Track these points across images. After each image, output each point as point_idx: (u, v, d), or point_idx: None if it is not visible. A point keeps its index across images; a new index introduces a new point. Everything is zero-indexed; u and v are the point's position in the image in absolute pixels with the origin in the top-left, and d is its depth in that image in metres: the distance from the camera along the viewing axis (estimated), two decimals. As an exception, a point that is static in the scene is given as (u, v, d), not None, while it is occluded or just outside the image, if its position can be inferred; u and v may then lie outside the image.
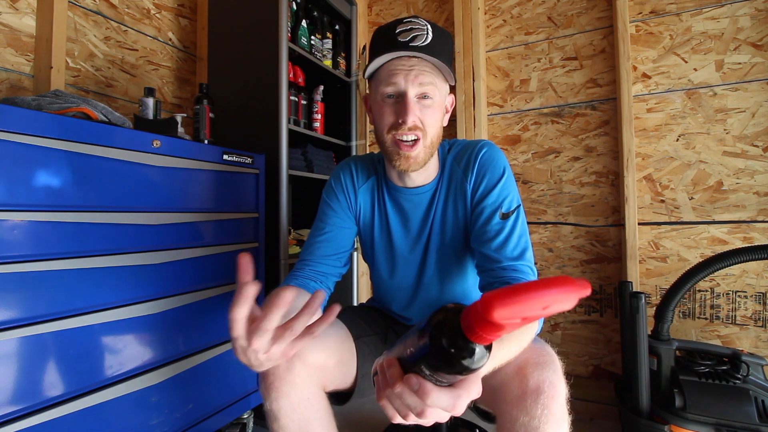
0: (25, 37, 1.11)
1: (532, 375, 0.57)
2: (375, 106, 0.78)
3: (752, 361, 1.15)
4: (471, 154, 0.80)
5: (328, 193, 0.91)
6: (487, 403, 0.69)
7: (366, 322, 0.90)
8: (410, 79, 0.72)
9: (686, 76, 1.46)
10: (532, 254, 0.74)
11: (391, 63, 0.73)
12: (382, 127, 0.76)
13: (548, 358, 0.60)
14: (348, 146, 1.86)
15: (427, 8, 1.97)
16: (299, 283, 0.80)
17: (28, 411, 0.72)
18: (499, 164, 0.78)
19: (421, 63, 0.73)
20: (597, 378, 1.57)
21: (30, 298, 0.73)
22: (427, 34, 0.72)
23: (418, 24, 0.73)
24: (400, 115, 0.72)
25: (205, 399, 1.05)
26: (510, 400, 0.57)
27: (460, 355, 0.36)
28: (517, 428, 0.55)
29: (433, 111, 0.75)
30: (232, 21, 1.48)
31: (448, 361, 0.37)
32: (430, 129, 0.74)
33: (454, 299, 0.90)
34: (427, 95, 0.74)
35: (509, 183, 0.78)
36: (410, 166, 0.75)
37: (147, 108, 1.13)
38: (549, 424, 0.54)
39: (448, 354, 0.36)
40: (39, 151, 0.74)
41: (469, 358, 0.36)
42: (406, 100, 0.72)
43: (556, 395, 0.56)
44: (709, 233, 1.43)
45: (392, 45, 0.72)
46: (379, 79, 0.76)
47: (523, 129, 1.74)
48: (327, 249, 0.86)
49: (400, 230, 0.87)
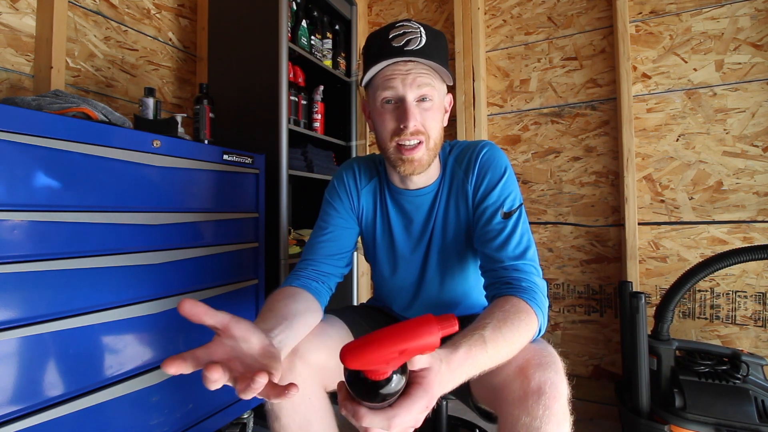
0: (26, 37, 1.11)
1: (534, 375, 0.56)
2: (375, 113, 0.78)
3: (752, 361, 1.15)
4: (472, 154, 0.80)
5: (330, 193, 0.91)
6: (488, 404, 0.69)
7: (367, 321, 0.90)
8: (408, 84, 0.72)
9: (686, 76, 1.46)
10: (536, 252, 0.73)
11: (387, 69, 0.73)
12: (384, 135, 0.76)
13: (550, 358, 0.60)
14: (348, 146, 1.86)
15: (427, 8, 1.97)
16: (301, 283, 0.80)
17: (28, 411, 0.72)
18: (499, 164, 0.78)
19: (418, 66, 0.72)
20: (597, 378, 1.57)
21: (30, 298, 0.73)
22: (420, 37, 0.72)
23: (410, 27, 0.73)
24: (401, 120, 0.72)
25: (205, 399, 1.05)
26: (512, 401, 0.57)
27: (369, 389, 0.40)
28: (519, 428, 0.54)
29: (433, 113, 0.75)
30: (232, 21, 1.48)
31: (363, 393, 0.41)
32: (432, 131, 0.74)
33: (455, 299, 0.90)
34: (426, 98, 0.73)
35: (510, 182, 0.78)
36: (415, 170, 0.75)
37: (147, 108, 1.13)
38: (551, 425, 0.54)
39: (359, 388, 0.41)
40: (39, 151, 0.74)
41: (382, 388, 0.40)
42: (406, 104, 0.72)
43: (558, 396, 0.55)
44: (709, 233, 1.43)
45: (387, 52, 0.72)
46: (376, 85, 0.76)
47: (523, 129, 1.74)
48: (330, 249, 0.85)
49: (402, 232, 0.88)
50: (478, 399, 0.72)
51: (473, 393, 0.72)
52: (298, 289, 0.77)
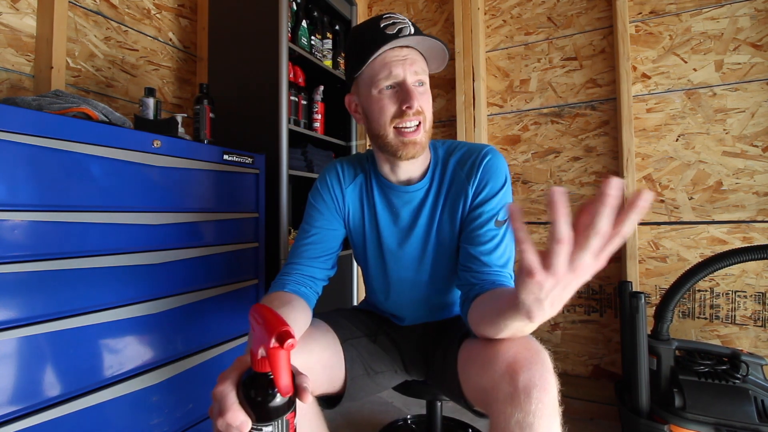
0: (26, 38, 1.11)
1: (522, 371, 0.57)
2: (369, 101, 0.78)
3: (752, 361, 1.15)
4: (475, 159, 0.81)
5: (314, 195, 0.90)
6: (479, 405, 0.69)
7: (353, 324, 0.89)
8: (407, 68, 0.74)
9: (686, 76, 1.46)
10: (513, 263, 0.77)
11: (385, 55, 0.74)
12: (383, 121, 0.76)
13: (536, 353, 0.60)
14: (348, 146, 1.86)
15: (427, 8, 1.97)
16: (292, 288, 0.79)
17: (28, 411, 0.72)
18: (501, 173, 0.80)
19: (412, 52, 0.76)
20: (597, 378, 1.57)
21: (30, 298, 0.73)
22: (409, 26, 0.75)
23: (398, 17, 0.76)
24: (405, 101, 0.73)
25: (205, 399, 1.05)
26: (503, 399, 0.57)
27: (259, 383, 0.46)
28: (512, 426, 0.55)
29: (428, 96, 0.78)
30: (232, 21, 1.48)
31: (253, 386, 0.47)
32: (427, 113, 0.77)
33: (446, 298, 0.90)
34: (422, 82, 0.77)
35: (508, 193, 0.80)
36: (416, 153, 0.77)
37: (147, 108, 1.13)
38: (543, 419, 0.54)
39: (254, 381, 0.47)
40: (39, 151, 0.74)
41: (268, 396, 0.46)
42: (408, 87, 0.74)
43: (548, 388, 0.56)
44: (709, 233, 1.43)
45: (383, 38, 0.73)
46: (371, 74, 0.76)
47: (522, 129, 1.74)
48: (314, 251, 0.85)
49: (389, 225, 0.87)
50: (471, 400, 0.72)
51: (466, 395, 0.72)
52: (293, 296, 0.77)
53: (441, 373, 0.81)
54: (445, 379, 0.79)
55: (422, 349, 0.89)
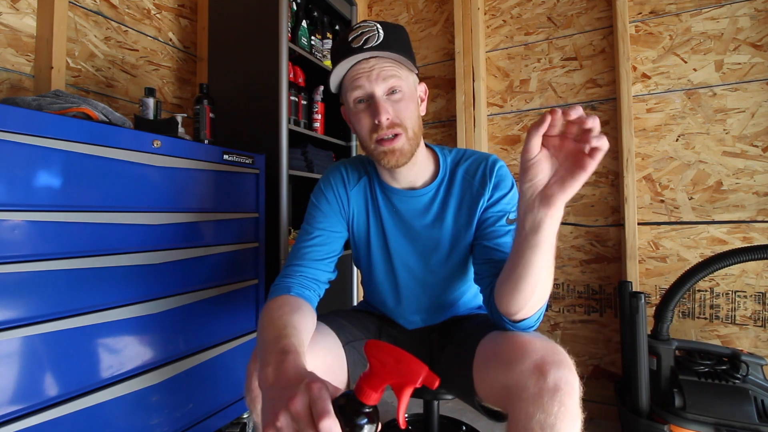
0: (26, 38, 1.11)
1: (549, 373, 0.57)
2: (351, 115, 0.80)
3: (752, 361, 1.15)
4: (486, 168, 0.84)
5: (317, 196, 0.89)
6: (497, 402, 0.69)
7: (355, 326, 0.89)
8: (373, 79, 0.73)
9: (686, 76, 1.46)
10: None
11: (352, 70, 0.75)
12: (363, 134, 0.78)
13: (563, 356, 0.62)
14: (348, 146, 1.86)
15: (427, 8, 1.97)
16: (298, 292, 0.77)
17: (28, 411, 0.72)
18: (509, 177, 0.85)
19: (380, 61, 0.74)
20: (597, 378, 1.57)
21: (30, 298, 0.73)
22: (378, 34, 0.74)
23: (368, 26, 0.75)
24: (375, 116, 0.74)
25: (205, 399, 1.05)
26: (526, 398, 0.57)
27: (355, 407, 0.45)
28: (533, 425, 0.55)
29: (405, 103, 0.76)
30: (232, 21, 1.48)
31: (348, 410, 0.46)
32: (407, 121, 0.76)
33: (453, 301, 0.90)
34: (395, 89, 0.75)
35: (516, 196, 0.82)
36: (398, 161, 0.76)
37: (147, 108, 1.13)
38: (565, 421, 0.54)
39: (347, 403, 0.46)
40: (39, 151, 0.74)
41: (360, 418, 0.45)
42: (376, 99, 0.74)
43: (573, 392, 0.56)
44: (709, 233, 1.43)
45: (347, 52, 0.73)
46: (345, 88, 0.78)
47: (522, 129, 1.74)
48: (318, 253, 0.83)
49: (396, 231, 0.87)
50: (484, 398, 0.72)
51: (478, 392, 0.72)
52: (301, 301, 0.75)
53: (448, 370, 0.81)
54: (453, 376, 0.79)
55: (425, 348, 0.89)
